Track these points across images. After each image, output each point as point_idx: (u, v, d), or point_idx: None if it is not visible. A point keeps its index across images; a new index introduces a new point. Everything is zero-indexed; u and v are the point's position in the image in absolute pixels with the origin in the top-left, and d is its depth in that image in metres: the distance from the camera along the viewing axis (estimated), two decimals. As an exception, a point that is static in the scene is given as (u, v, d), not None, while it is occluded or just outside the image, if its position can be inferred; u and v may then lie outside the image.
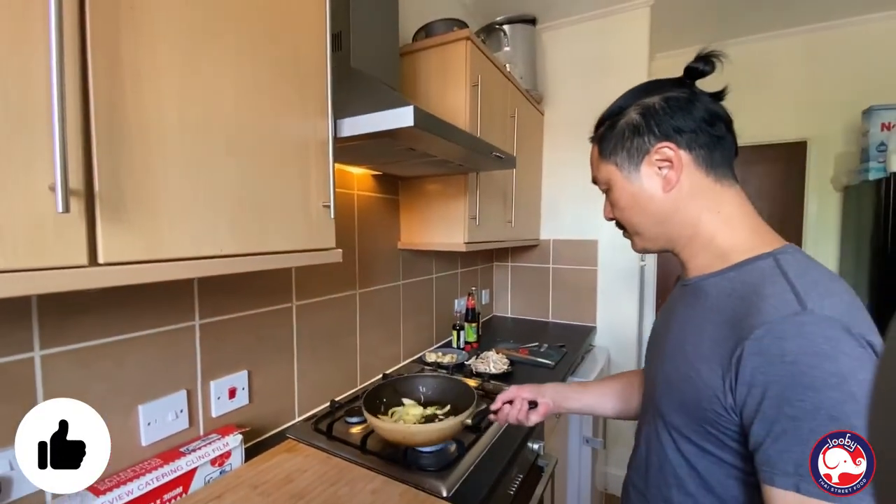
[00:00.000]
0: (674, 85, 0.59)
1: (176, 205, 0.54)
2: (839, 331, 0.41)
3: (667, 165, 0.57)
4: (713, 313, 0.52)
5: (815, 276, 0.47)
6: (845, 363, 0.40)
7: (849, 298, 0.45)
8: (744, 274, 0.51)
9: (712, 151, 0.56)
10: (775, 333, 0.43)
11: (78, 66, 0.45)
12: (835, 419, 0.39)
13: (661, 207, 0.58)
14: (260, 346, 1.01)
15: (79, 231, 0.46)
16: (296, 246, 0.73)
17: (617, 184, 0.62)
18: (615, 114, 0.62)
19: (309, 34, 0.74)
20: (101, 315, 0.72)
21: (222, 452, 0.82)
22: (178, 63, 0.54)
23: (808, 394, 0.41)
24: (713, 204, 0.56)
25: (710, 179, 0.56)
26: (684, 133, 0.56)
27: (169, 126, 0.53)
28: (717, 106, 0.57)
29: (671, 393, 0.56)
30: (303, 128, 0.73)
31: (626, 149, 0.60)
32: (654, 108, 0.57)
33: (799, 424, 0.41)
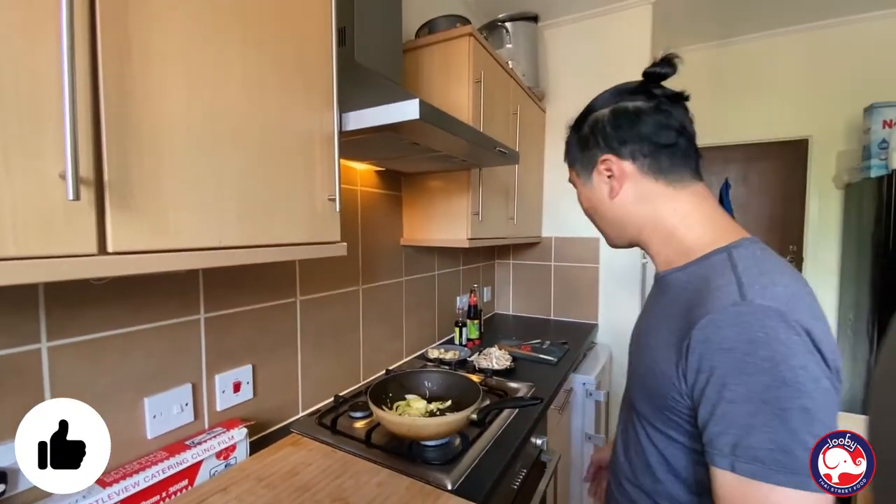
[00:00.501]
0: (632, 92, 0.61)
1: (184, 195, 0.54)
2: (774, 319, 0.43)
3: (610, 174, 0.61)
4: (672, 306, 0.55)
5: (762, 267, 0.49)
6: (778, 349, 0.42)
7: (793, 288, 0.47)
8: (700, 268, 0.54)
9: (658, 159, 0.58)
10: (716, 323, 0.46)
11: (88, 52, 0.45)
12: (766, 402, 0.42)
13: (610, 211, 0.64)
14: (264, 340, 1.01)
15: (88, 219, 0.46)
16: (301, 239, 0.73)
17: (578, 188, 0.69)
18: (575, 127, 0.68)
19: (315, 27, 0.74)
20: (107, 307, 0.72)
21: (227, 446, 0.82)
22: (185, 52, 0.54)
23: (742, 378, 0.43)
24: (668, 205, 0.59)
25: (660, 184, 0.59)
26: (627, 144, 0.59)
27: (177, 115, 0.53)
28: (669, 114, 0.58)
29: (640, 384, 0.60)
30: (308, 120, 0.73)
31: (580, 160, 0.66)
32: (602, 123, 0.61)
33: (735, 408, 0.44)
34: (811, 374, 0.42)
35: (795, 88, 2.38)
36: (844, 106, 2.25)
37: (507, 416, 1.08)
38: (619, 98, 0.61)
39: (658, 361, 0.54)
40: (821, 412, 0.42)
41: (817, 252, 2.38)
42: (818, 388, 0.42)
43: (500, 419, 1.05)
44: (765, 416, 0.42)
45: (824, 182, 2.35)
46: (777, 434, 0.41)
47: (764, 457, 0.42)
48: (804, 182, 2.40)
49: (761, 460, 0.42)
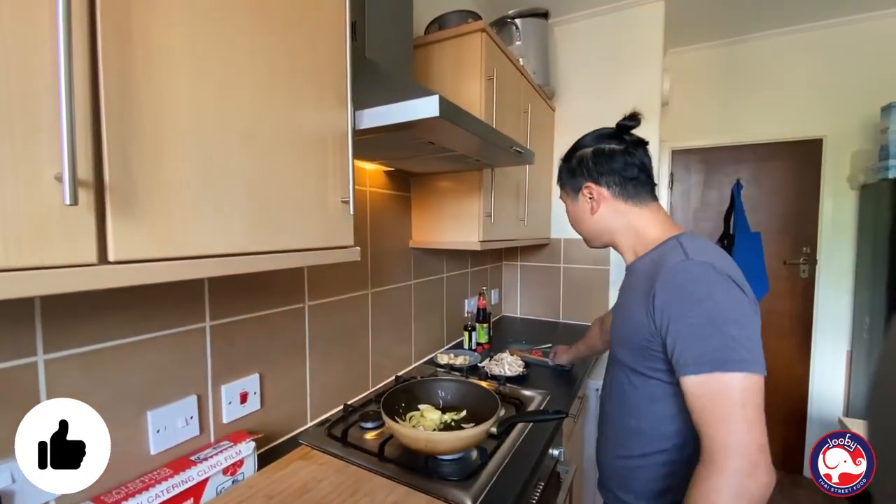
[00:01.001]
0: (609, 136, 0.84)
1: (189, 198, 0.50)
2: (706, 268, 0.66)
3: (591, 196, 0.84)
4: (641, 280, 0.75)
5: (700, 245, 0.71)
6: (713, 282, 0.64)
7: (721, 258, 0.69)
8: (657, 253, 0.76)
9: (625, 187, 0.81)
10: (669, 273, 0.68)
11: (87, 45, 0.41)
12: (711, 319, 0.62)
13: (590, 223, 0.87)
14: (272, 348, 0.97)
15: (88, 226, 0.42)
16: (313, 243, 0.68)
17: (568, 204, 0.92)
18: (566, 159, 0.91)
19: (326, 21, 0.70)
20: (108, 317, 0.68)
21: (235, 461, 0.78)
22: (191, 47, 0.50)
23: (692, 306, 0.64)
24: (634, 218, 0.82)
25: (628, 204, 0.82)
26: (604, 176, 0.82)
27: (182, 113, 0.49)
28: (634, 156, 0.81)
29: (621, 339, 0.81)
30: (321, 118, 0.69)
31: (570, 184, 0.89)
32: (586, 158, 0.84)
33: (687, 330, 0.63)
34: (735, 299, 0.63)
35: (809, 87, 2.33)
36: (860, 105, 2.20)
37: (524, 427, 1.04)
38: (599, 141, 0.84)
39: (633, 315, 0.74)
40: (747, 321, 0.62)
41: (831, 254, 2.33)
42: (741, 307, 0.63)
43: (516, 430, 1.01)
44: (711, 329, 0.61)
45: (839, 183, 2.30)
46: (722, 340, 0.60)
47: (717, 355, 0.60)
48: (818, 183, 2.35)
49: (715, 359, 0.60)
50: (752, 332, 0.62)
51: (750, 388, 0.59)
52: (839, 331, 2.32)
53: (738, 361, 0.59)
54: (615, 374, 0.84)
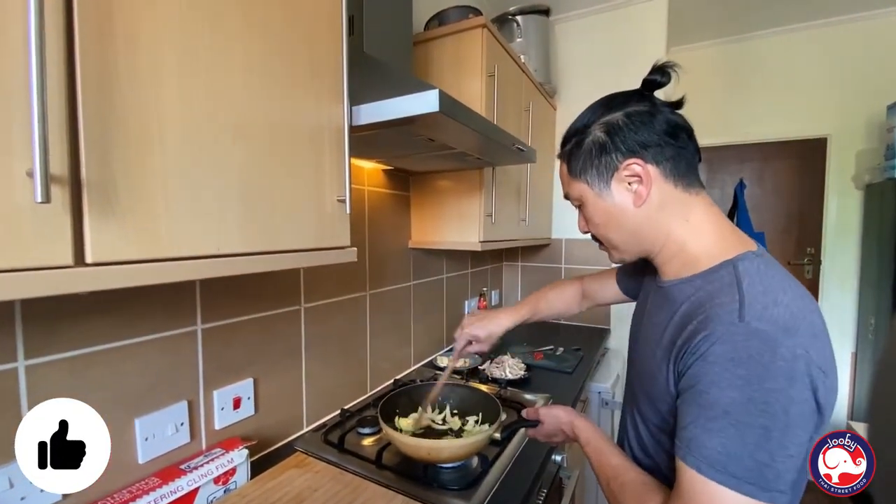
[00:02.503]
0: (634, 97, 0.59)
1: (175, 197, 0.47)
2: (762, 342, 0.45)
3: (636, 180, 0.58)
4: (676, 317, 0.56)
5: (766, 284, 0.50)
6: (755, 371, 0.45)
7: (795, 308, 0.48)
8: (706, 282, 0.54)
9: (678, 162, 0.57)
10: (710, 339, 0.48)
11: (63, 27, 0.38)
12: (727, 414, 0.45)
13: (633, 221, 0.60)
14: (266, 351, 0.94)
15: (62, 225, 0.39)
16: (308, 244, 0.66)
17: (589, 200, 0.63)
18: (580, 131, 0.62)
19: (322, 14, 0.67)
20: (94, 320, 0.65)
21: (227, 469, 0.75)
22: (179, 37, 0.47)
23: (713, 389, 0.47)
24: (682, 212, 0.58)
25: (678, 190, 0.58)
26: (650, 147, 0.57)
27: (168, 106, 0.46)
28: (677, 116, 0.58)
29: (642, 387, 0.63)
30: (316, 113, 0.66)
31: (595, 167, 0.60)
32: (618, 124, 0.58)
33: (700, 412, 0.48)
34: (784, 398, 0.44)
35: (813, 86, 2.30)
36: (865, 104, 2.17)
37: (526, 433, 1.01)
38: (624, 103, 0.59)
39: (661, 370, 0.56)
40: (780, 433, 0.44)
41: (836, 255, 2.31)
42: (787, 412, 0.44)
43: (518, 435, 0.98)
44: (723, 423, 0.46)
45: (843, 182, 2.27)
46: (730, 441, 0.45)
47: (711, 457, 0.46)
48: (822, 182, 2.32)
49: (708, 459, 0.46)
50: (781, 446, 0.44)
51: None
52: (844, 332, 2.30)
53: (733, 477, 0.45)
54: (635, 422, 0.66)
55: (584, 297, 1.01)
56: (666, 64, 0.58)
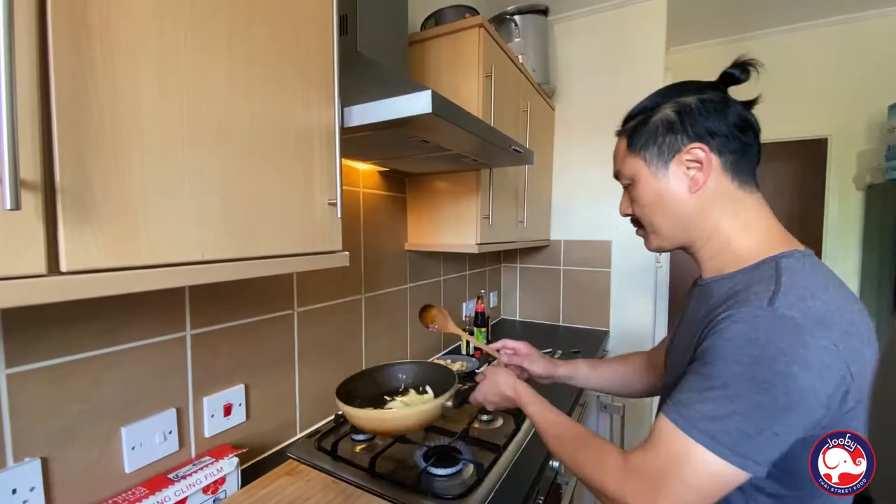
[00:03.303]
0: (709, 88, 0.59)
1: (157, 201, 0.45)
2: (786, 328, 0.44)
3: (696, 167, 0.57)
4: (709, 309, 0.54)
5: (809, 280, 0.49)
6: (770, 353, 0.44)
7: (834, 304, 0.47)
8: (749, 276, 0.53)
9: (740, 158, 0.57)
10: (732, 318, 0.48)
11: (35, 24, 0.36)
12: (727, 386, 0.46)
13: (683, 208, 0.59)
14: (258, 357, 0.92)
15: (35, 232, 0.37)
16: (297, 249, 0.64)
17: (642, 179, 0.61)
18: (649, 109, 0.61)
19: (312, 12, 0.65)
20: (77, 327, 0.64)
21: (216, 479, 0.74)
22: (159, 33, 0.45)
23: (719, 363, 0.47)
24: (734, 208, 0.57)
25: (734, 185, 0.57)
26: (717, 136, 0.56)
27: (148, 106, 0.44)
28: (750, 114, 0.58)
29: (672, 381, 0.59)
30: (306, 115, 0.64)
31: (657, 145, 0.59)
32: (691, 107, 0.57)
33: (699, 380, 0.48)
34: (790, 382, 0.43)
35: (814, 86, 2.29)
36: (866, 104, 2.16)
37: (523, 440, 1.00)
38: (698, 89, 0.58)
39: (685, 357, 0.55)
40: (775, 414, 0.44)
41: (836, 255, 2.29)
42: (789, 394, 0.43)
43: (515, 443, 0.97)
44: (718, 393, 0.46)
45: (844, 183, 2.26)
46: (719, 408, 0.45)
47: (695, 417, 0.47)
48: (823, 183, 2.31)
49: (691, 418, 0.47)
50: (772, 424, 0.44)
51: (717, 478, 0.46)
52: (844, 334, 2.28)
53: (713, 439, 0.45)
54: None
55: (650, 365, 0.88)
56: (748, 61, 0.57)
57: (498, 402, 0.79)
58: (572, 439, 0.61)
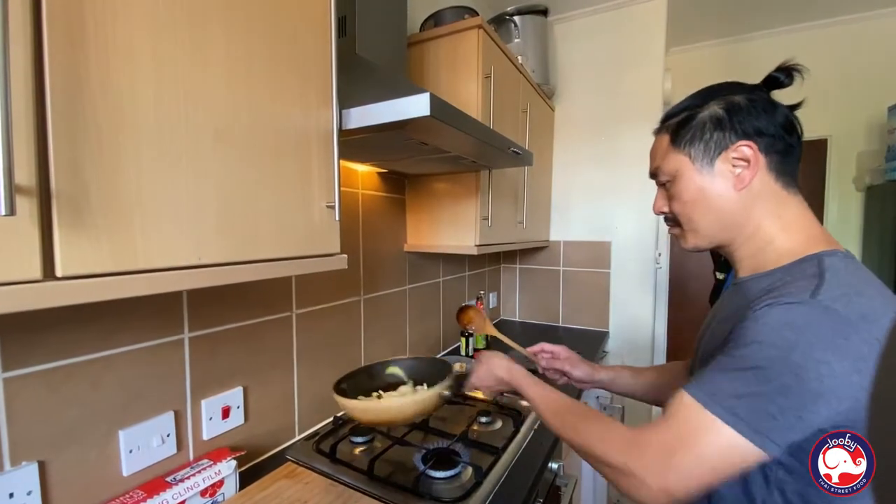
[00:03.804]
0: (755, 89, 0.60)
1: (152, 205, 0.45)
2: (828, 317, 0.44)
3: (743, 165, 0.57)
4: (745, 304, 0.53)
5: (853, 278, 0.48)
6: (806, 338, 0.43)
7: (879, 303, 0.46)
8: (788, 273, 0.53)
9: (785, 158, 0.57)
10: (773, 305, 0.47)
11: (30, 27, 0.36)
12: (758, 368, 0.45)
13: (726, 205, 0.58)
14: (257, 359, 0.92)
15: (30, 238, 0.37)
16: (295, 252, 0.64)
17: (685, 175, 0.61)
18: (696, 105, 0.61)
19: (310, 14, 0.65)
20: (75, 330, 0.64)
21: (214, 482, 0.74)
22: (156, 36, 0.45)
23: (752, 345, 0.46)
24: (776, 208, 0.57)
25: (777, 185, 0.57)
26: (765, 136, 0.56)
27: (144, 110, 0.44)
28: (795, 117, 0.59)
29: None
30: (303, 117, 0.64)
31: (703, 141, 0.59)
32: (740, 105, 0.57)
33: (729, 361, 0.48)
34: (824, 370, 0.42)
35: (813, 87, 2.26)
36: (866, 105, 2.16)
37: (522, 442, 0.99)
38: (744, 90, 0.59)
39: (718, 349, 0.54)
40: (802, 398, 0.43)
41: (836, 256, 2.29)
42: (821, 380, 0.42)
43: (514, 444, 0.97)
44: (748, 375, 0.45)
45: (844, 184, 2.25)
46: (746, 388, 0.45)
47: (718, 395, 0.46)
48: (823, 184, 2.31)
49: (714, 395, 0.46)
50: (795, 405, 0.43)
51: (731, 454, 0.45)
52: (844, 335, 2.28)
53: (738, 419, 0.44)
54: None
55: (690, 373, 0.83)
56: (793, 66, 0.59)
57: (493, 385, 0.79)
58: (574, 414, 0.61)
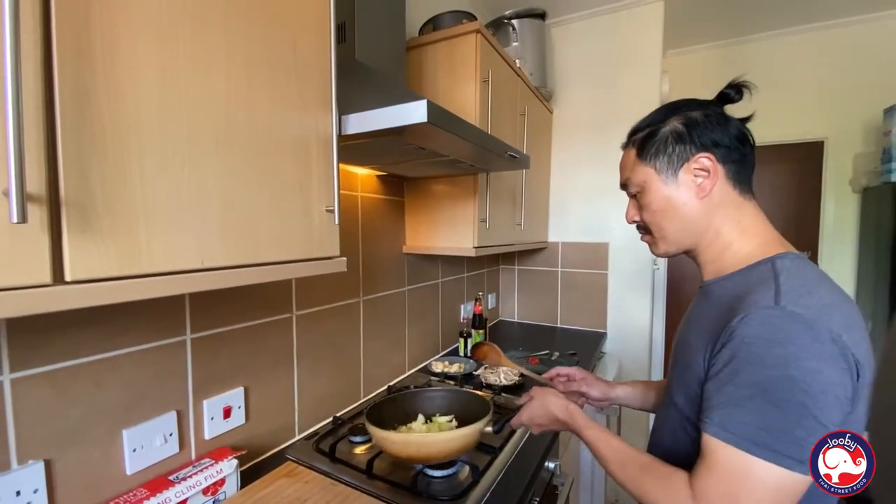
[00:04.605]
0: (709, 105, 0.65)
1: (157, 211, 0.47)
2: (799, 324, 0.47)
3: (703, 175, 0.62)
4: (713, 309, 0.59)
5: (803, 279, 0.53)
6: (792, 350, 0.46)
7: (830, 300, 0.50)
8: (745, 277, 0.58)
9: (740, 167, 0.62)
10: (746, 322, 0.50)
11: (40, 45, 0.38)
12: (766, 391, 0.47)
13: (691, 213, 0.63)
14: (257, 360, 0.94)
15: (40, 244, 0.38)
16: (296, 255, 0.65)
17: (652, 186, 0.66)
18: (657, 122, 0.66)
19: (309, 21, 0.67)
20: (80, 332, 0.65)
21: (215, 480, 0.75)
22: (159, 46, 0.47)
23: (752, 369, 0.48)
24: (735, 214, 0.62)
25: (735, 192, 0.62)
26: (721, 147, 0.61)
27: (148, 118, 0.46)
28: (746, 129, 0.63)
29: (678, 379, 0.64)
30: (303, 123, 0.66)
31: (667, 154, 0.64)
32: (698, 120, 0.62)
33: (738, 390, 0.49)
34: (822, 378, 0.46)
35: (810, 89, 2.30)
36: (862, 107, 2.17)
37: (519, 441, 1.01)
38: (701, 105, 0.64)
39: (694, 356, 0.58)
40: (819, 411, 0.45)
41: (833, 258, 2.31)
42: (825, 392, 0.45)
43: (511, 444, 0.98)
44: (760, 401, 0.47)
45: (840, 186, 2.27)
46: (769, 417, 0.46)
47: (748, 432, 0.47)
48: (819, 186, 2.32)
49: (745, 434, 0.47)
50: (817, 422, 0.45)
51: (784, 488, 0.46)
52: (841, 335, 2.30)
53: (773, 451, 0.46)
54: (669, 418, 0.66)
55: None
56: (742, 83, 0.63)
57: (547, 424, 0.78)
58: (637, 467, 0.60)
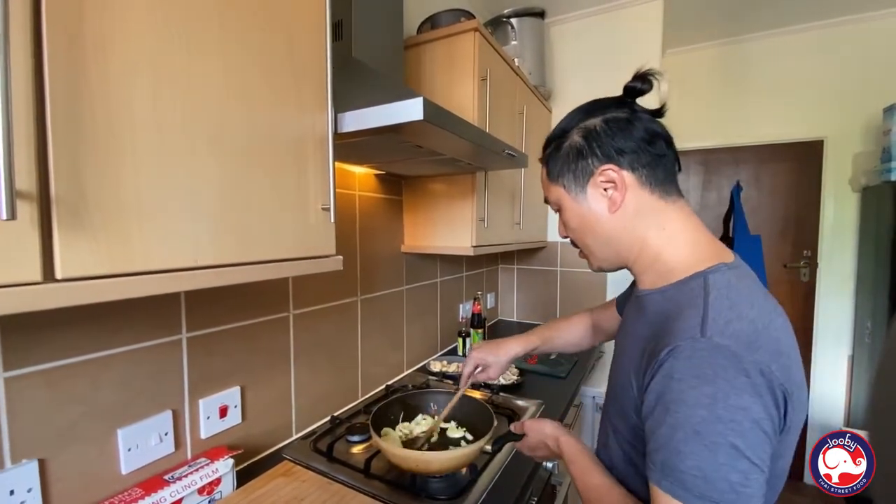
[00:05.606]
0: (615, 104, 0.60)
1: (149, 209, 0.46)
2: (726, 359, 0.45)
3: (611, 186, 0.58)
4: (646, 328, 0.56)
5: (733, 298, 0.50)
6: (721, 388, 0.44)
7: (759, 323, 0.48)
8: (677, 293, 0.54)
9: (654, 170, 0.57)
10: (674, 354, 0.47)
11: (30, 38, 0.37)
12: (698, 433, 0.44)
13: (607, 228, 0.60)
14: (254, 358, 0.93)
15: (30, 242, 0.38)
16: (291, 254, 0.65)
17: (565, 205, 0.63)
18: (559, 136, 0.63)
19: (305, 18, 0.66)
20: (74, 330, 0.65)
21: (211, 480, 0.75)
22: (152, 43, 0.46)
23: (682, 408, 0.46)
24: (658, 221, 0.58)
25: (654, 197, 0.57)
26: (626, 154, 0.57)
27: (141, 116, 0.45)
28: (656, 124, 0.58)
29: (614, 400, 0.61)
30: (299, 121, 0.65)
31: (571, 171, 0.61)
32: (596, 130, 0.58)
33: (672, 432, 0.46)
34: (750, 416, 0.44)
35: (810, 88, 2.29)
36: (862, 106, 2.16)
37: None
38: (604, 110, 0.59)
39: (631, 383, 0.55)
40: (750, 451, 0.43)
41: (832, 258, 2.30)
42: (755, 428, 0.44)
43: (508, 444, 0.98)
44: (694, 445, 0.44)
45: (840, 185, 2.26)
46: (703, 463, 0.44)
47: (687, 481, 0.44)
48: (819, 185, 2.32)
49: (684, 483, 0.45)
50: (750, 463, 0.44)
51: None
52: (840, 335, 2.29)
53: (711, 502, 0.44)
54: (611, 440, 0.63)
55: (595, 329, 0.96)
56: (648, 72, 0.58)
57: (546, 455, 0.77)
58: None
